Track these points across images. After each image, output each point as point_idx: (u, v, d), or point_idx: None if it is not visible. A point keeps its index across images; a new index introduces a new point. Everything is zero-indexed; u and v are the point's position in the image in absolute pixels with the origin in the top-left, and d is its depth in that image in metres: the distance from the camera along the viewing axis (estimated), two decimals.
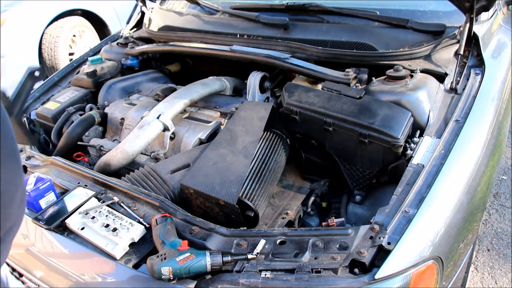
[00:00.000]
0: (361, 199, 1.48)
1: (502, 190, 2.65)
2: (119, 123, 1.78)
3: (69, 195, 1.28)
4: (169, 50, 2.05)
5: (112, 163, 1.53)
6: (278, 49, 1.82)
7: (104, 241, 1.11)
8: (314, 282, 0.93)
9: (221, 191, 1.23)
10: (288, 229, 1.10)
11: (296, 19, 1.92)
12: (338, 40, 1.78)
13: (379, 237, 0.99)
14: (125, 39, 2.31)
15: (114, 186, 1.31)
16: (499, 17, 1.93)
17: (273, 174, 1.45)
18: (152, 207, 1.23)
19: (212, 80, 1.87)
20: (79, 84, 2.07)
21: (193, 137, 1.59)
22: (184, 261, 0.96)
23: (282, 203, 1.50)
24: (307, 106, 1.47)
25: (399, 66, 1.55)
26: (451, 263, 1.12)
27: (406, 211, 1.05)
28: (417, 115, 1.41)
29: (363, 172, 1.48)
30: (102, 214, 1.19)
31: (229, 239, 1.08)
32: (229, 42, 1.93)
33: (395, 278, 0.94)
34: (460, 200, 1.14)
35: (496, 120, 1.44)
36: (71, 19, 4.45)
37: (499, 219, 2.42)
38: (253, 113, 1.55)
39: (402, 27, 1.68)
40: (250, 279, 0.95)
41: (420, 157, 1.24)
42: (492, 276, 2.08)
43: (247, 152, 1.38)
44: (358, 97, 1.45)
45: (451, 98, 1.46)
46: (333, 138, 1.48)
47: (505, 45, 1.81)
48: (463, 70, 1.57)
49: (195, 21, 2.17)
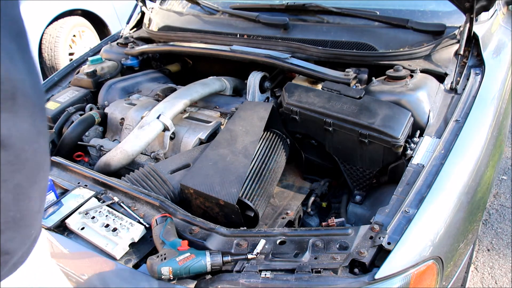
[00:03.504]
0: (361, 199, 1.48)
1: (502, 190, 2.65)
2: (119, 123, 1.78)
3: (69, 195, 1.28)
4: (169, 50, 2.05)
5: (112, 163, 1.53)
6: (278, 49, 1.82)
7: (104, 241, 1.11)
8: (314, 282, 0.93)
9: (221, 191, 1.23)
10: (288, 229, 1.10)
11: (296, 19, 1.92)
12: (338, 40, 1.78)
13: (379, 237, 0.99)
14: (125, 39, 2.31)
15: (114, 186, 1.31)
16: (499, 17, 1.93)
17: (273, 174, 1.45)
18: (152, 207, 1.23)
19: (212, 80, 1.87)
20: (79, 84, 2.07)
21: (193, 137, 1.59)
22: (184, 261, 0.96)
23: (282, 203, 1.50)
24: (307, 106, 1.47)
25: (399, 66, 1.55)
26: (451, 263, 1.12)
27: (406, 211, 1.05)
28: (417, 115, 1.41)
29: (363, 172, 1.48)
30: (102, 214, 1.19)
31: (229, 239, 1.08)
32: (229, 42, 1.93)
33: (395, 278, 0.94)
34: (460, 200, 1.14)
35: (496, 120, 1.44)
36: (71, 19, 4.44)
37: (499, 219, 2.42)
38: (253, 113, 1.55)
39: (402, 27, 1.68)
40: (250, 279, 0.95)
41: (420, 157, 1.24)
42: (492, 276, 2.08)
43: (247, 152, 1.38)
44: (358, 97, 1.45)
45: (451, 98, 1.46)
46: (333, 138, 1.48)
47: (505, 45, 1.81)
48: (463, 70, 1.57)
49: (195, 21, 2.17)
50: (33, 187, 0.64)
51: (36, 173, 0.64)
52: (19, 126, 0.57)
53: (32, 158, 0.62)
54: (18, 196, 0.61)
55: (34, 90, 0.60)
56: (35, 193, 0.65)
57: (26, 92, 0.57)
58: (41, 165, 0.65)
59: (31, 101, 0.59)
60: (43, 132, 0.65)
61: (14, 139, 0.57)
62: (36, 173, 0.64)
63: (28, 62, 0.60)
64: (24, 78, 0.57)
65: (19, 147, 0.58)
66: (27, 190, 0.62)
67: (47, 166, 0.68)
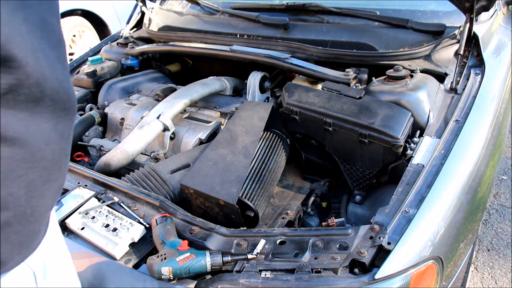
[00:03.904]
0: (361, 199, 1.48)
1: (502, 190, 2.65)
2: (119, 123, 1.78)
3: (69, 195, 1.28)
4: (169, 50, 2.05)
5: (112, 163, 1.53)
6: (278, 49, 1.82)
7: (104, 241, 1.11)
8: (314, 282, 0.93)
9: (221, 191, 1.23)
10: (288, 229, 1.10)
11: (296, 19, 1.92)
12: (338, 40, 1.78)
13: (379, 237, 0.99)
14: (125, 39, 2.31)
15: (114, 186, 1.31)
16: (499, 17, 1.93)
17: (273, 174, 1.45)
18: (152, 207, 1.23)
19: (212, 80, 1.87)
20: (79, 84, 2.07)
21: (193, 137, 1.59)
22: (184, 261, 0.96)
23: (282, 203, 1.50)
24: (307, 106, 1.47)
25: (399, 66, 1.55)
26: (451, 263, 1.12)
27: (406, 211, 1.05)
28: (417, 115, 1.41)
29: (363, 172, 1.48)
30: (102, 214, 1.19)
31: (229, 239, 1.08)
32: (229, 42, 1.93)
33: (395, 278, 0.94)
34: (460, 200, 1.14)
35: (496, 120, 1.44)
36: (71, 19, 4.44)
37: (499, 219, 2.42)
38: (253, 113, 1.55)
39: (402, 27, 1.68)
40: (250, 279, 0.95)
41: (420, 157, 1.24)
42: (492, 276, 2.08)
43: (247, 152, 1.38)
44: (358, 97, 1.45)
45: (451, 98, 1.46)
46: (333, 138, 1.48)
47: (505, 45, 1.81)
48: (463, 70, 1.57)
49: (195, 21, 2.17)
50: (47, 185, 0.66)
51: (52, 172, 0.66)
52: (38, 126, 0.60)
53: (49, 157, 0.64)
54: (30, 193, 0.63)
55: (66, 96, 0.63)
56: (48, 192, 0.67)
57: (55, 97, 0.60)
58: (58, 165, 0.67)
59: (60, 106, 0.62)
60: (66, 135, 0.67)
61: (31, 138, 0.59)
62: (52, 172, 0.66)
63: (64, 70, 0.63)
64: (57, 85, 0.60)
65: (36, 146, 0.61)
66: (40, 188, 0.65)
67: (64, 166, 0.70)
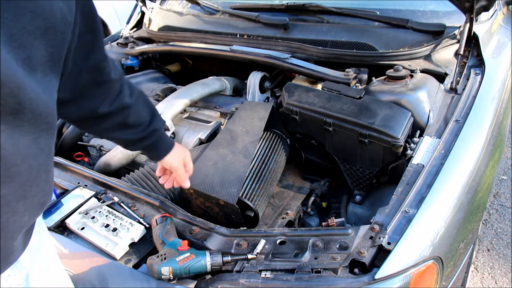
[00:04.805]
0: (361, 199, 1.48)
1: (502, 190, 2.65)
2: None
3: (69, 195, 1.28)
4: (169, 50, 2.05)
5: (112, 163, 1.53)
6: (278, 49, 1.82)
7: (104, 241, 1.11)
8: (314, 282, 0.93)
9: (221, 191, 1.23)
10: (288, 229, 1.10)
11: (296, 19, 1.92)
12: (338, 40, 1.78)
13: (379, 237, 0.99)
14: (125, 39, 2.31)
15: (114, 186, 1.31)
16: (499, 17, 1.93)
17: (273, 174, 1.45)
18: (152, 207, 1.23)
19: (212, 80, 1.87)
20: None
21: (193, 137, 1.59)
22: (184, 261, 0.96)
23: (282, 203, 1.50)
24: (307, 106, 1.47)
25: (399, 66, 1.55)
26: (451, 263, 1.12)
27: (406, 211, 1.05)
28: (417, 115, 1.41)
29: (363, 172, 1.48)
30: (102, 214, 1.19)
31: (229, 239, 1.08)
32: (229, 42, 1.93)
33: (395, 278, 0.94)
34: (460, 200, 1.14)
35: (496, 120, 1.43)
36: None
37: (499, 219, 2.42)
38: (253, 113, 1.55)
39: (402, 27, 1.68)
40: (250, 279, 0.95)
41: (420, 157, 1.24)
42: (492, 276, 2.08)
43: (247, 152, 1.38)
44: (358, 97, 1.45)
45: (451, 98, 1.46)
46: (333, 138, 1.48)
47: (505, 45, 1.81)
48: (463, 70, 1.57)
49: (195, 21, 2.17)
50: (21, 201, 0.63)
51: (28, 189, 0.63)
52: (16, 140, 0.58)
53: (25, 174, 0.62)
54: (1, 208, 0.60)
55: (47, 108, 0.60)
56: (22, 208, 0.64)
57: (35, 108, 0.58)
58: (35, 181, 0.64)
59: (41, 119, 0.60)
60: (46, 150, 0.64)
61: (7, 153, 0.57)
62: (28, 189, 0.63)
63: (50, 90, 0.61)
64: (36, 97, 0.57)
65: (11, 161, 0.58)
66: (13, 204, 0.62)
67: (44, 183, 0.67)
